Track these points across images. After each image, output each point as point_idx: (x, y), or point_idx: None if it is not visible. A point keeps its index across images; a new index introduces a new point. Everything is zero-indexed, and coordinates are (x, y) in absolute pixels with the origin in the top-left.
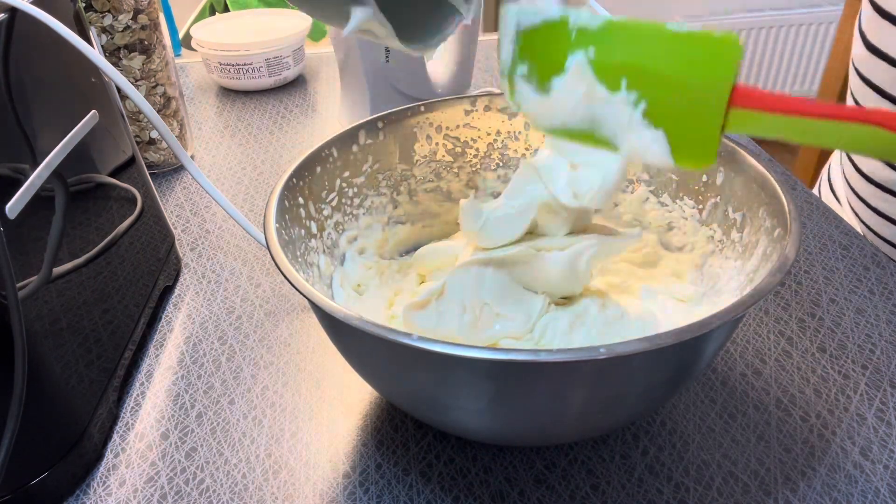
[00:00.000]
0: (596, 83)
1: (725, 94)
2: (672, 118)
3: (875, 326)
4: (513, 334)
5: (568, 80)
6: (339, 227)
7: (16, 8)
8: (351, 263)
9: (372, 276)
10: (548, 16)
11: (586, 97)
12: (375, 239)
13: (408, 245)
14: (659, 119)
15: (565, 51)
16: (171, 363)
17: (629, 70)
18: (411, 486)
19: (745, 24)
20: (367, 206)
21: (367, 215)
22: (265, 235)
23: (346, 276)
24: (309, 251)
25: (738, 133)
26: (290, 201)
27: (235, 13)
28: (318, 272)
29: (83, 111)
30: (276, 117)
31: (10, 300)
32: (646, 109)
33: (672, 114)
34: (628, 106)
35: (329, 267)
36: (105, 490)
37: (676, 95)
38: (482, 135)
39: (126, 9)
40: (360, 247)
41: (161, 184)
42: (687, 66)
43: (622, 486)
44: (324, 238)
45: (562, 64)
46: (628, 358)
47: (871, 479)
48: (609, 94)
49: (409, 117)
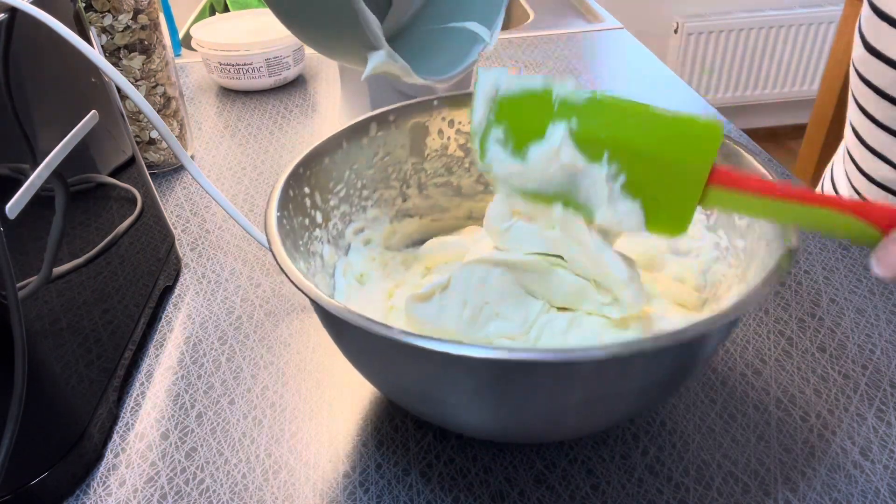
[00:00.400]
0: (577, 154)
1: (705, 174)
2: (650, 192)
3: (875, 326)
4: (509, 334)
5: (547, 149)
6: (346, 218)
7: (16, 8)
8: (355, 254)
9: (375, 267)
10: (529, 85)
11: (565, 166)
12: (382, 231)
13: (414, 238)
14: (637, 191)
15: (546, 120)
16: (171, 363)
17: (612, 144)
18: (411, 486)
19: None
20: (376, 199)
21: (374, 207)
22: (265, 223)
23: (349, 266)
24: (313, 240)
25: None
26: (294, 190)
27: (235, 13)
28: (322, 261)
29: (83, 111)
30: (276, 117)
31: (10, 300)
32: (625, 182)
33: (651, 188)
34: (608, 178)
35: (333, 256)
36: (105, 490)
37: (657, 172)
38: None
39: (126, 9)
40: (366, 238)
41: (161, 184)
42: (670, 147)
43: (622, 486)
44: (329, 228)
45: (542, 132)
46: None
47: (871, 479)
48: (589, 165)
49: (421, 111)
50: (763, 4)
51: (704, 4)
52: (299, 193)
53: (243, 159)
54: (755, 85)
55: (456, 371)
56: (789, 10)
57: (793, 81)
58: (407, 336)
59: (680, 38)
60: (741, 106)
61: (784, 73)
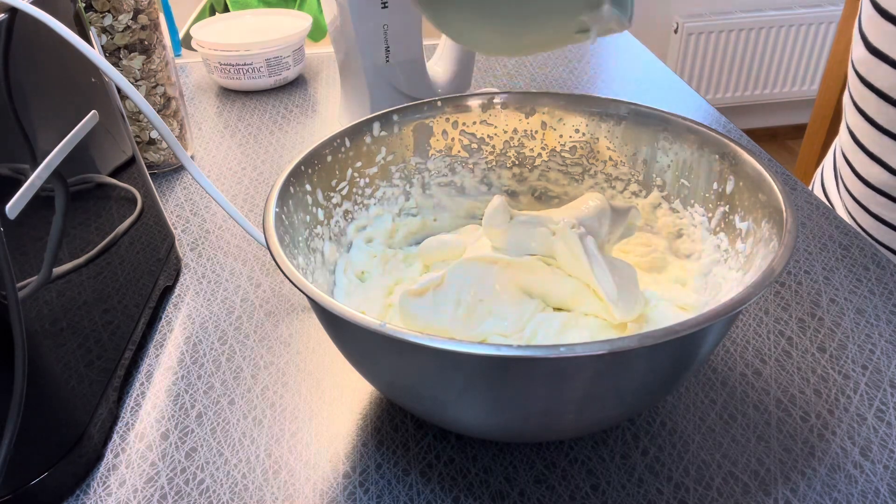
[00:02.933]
0: None
1: None
2: None
3: (875, 326)
4: (503, 332)
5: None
6: (348, 216)
7: (16, 8)
8: (357, 251)
9: (376, 265)
10: None
11: None
12: (385, 229)
13: (417, 236)
14: None
15: None
16: (171, 363)
17: None
18: (411, 486)
19: (746, 23)
20: (379, 197)
21: (377, 205)
22: (264, 218)
23: (350, 263)
24: (314, 237)
25: None
26: (296, 188)
27: (235, 13)
28: (322, 258)
29: (83, 111)
30: (276, 117)
31: (10, 300)
32: None
33: None
34: None
35: (334, 254)
36: (105, 490)
37: None
38: (499, 132)
39: (126, 9)
40: (368, 235)
41: (161, 184)
42: None
43: (622, 486)
44: (331, 225)
45: None
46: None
47: (871, 479)
48: None
49: (425, 111)
50: (763, 4)
51: (704, 4)
52: (300, 190)
53: (243, 159)
54: (755, 85)
55: (446, 367)
56: (789, 10)
57: (793, 81)
58: (392, 330)
59: (680, 38)
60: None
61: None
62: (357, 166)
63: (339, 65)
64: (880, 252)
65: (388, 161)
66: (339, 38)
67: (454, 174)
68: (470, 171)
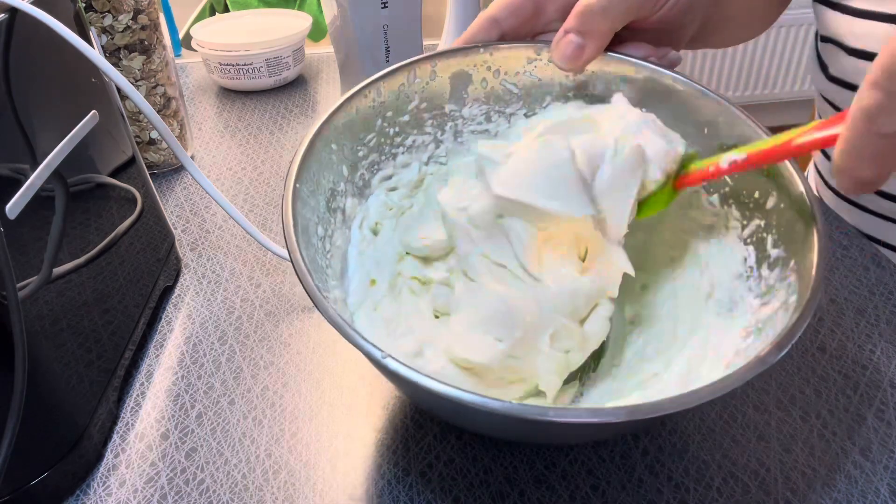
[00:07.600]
0: None
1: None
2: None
3: (875, 326)
4: None
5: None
6: (374, 167)
7: (16, 8)
8: (375, 200)
9: (389, 216)
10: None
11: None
12: (410, 179)
13: None
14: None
15: None
16: (171, 363)
17: None
18: (411, 486)
19: None
20: (408, 145)
21: (405, 154)
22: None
23: (367, 216)
24: (336, 196)
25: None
26: (321, 150)
27: (235, 13)
28: (343, 217)
29: (83, 111)
30: (276, 117)
31: (10, 300)
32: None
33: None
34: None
35: (355, 209)
36: (105, 490)
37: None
38: (543, 85)
39: (126, 9)
40: (392, 184)
41: (161, 184)
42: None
43: (622, 486)
44: (355, 180)
45: None
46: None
47: (871, 479)
48: None
49: (466, 57)
50: None
51: None
52: (325, 148)
53: (243, 159)
54: (755, 85)
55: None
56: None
57: (793, 81)
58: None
59: None
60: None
61: (784, 73)
62: (388, 115)
63: (339, 65)
64: (880, 252)
65: (420, 108)
66: (339, 38)
67: (489, 122)
68: (506, 120)
